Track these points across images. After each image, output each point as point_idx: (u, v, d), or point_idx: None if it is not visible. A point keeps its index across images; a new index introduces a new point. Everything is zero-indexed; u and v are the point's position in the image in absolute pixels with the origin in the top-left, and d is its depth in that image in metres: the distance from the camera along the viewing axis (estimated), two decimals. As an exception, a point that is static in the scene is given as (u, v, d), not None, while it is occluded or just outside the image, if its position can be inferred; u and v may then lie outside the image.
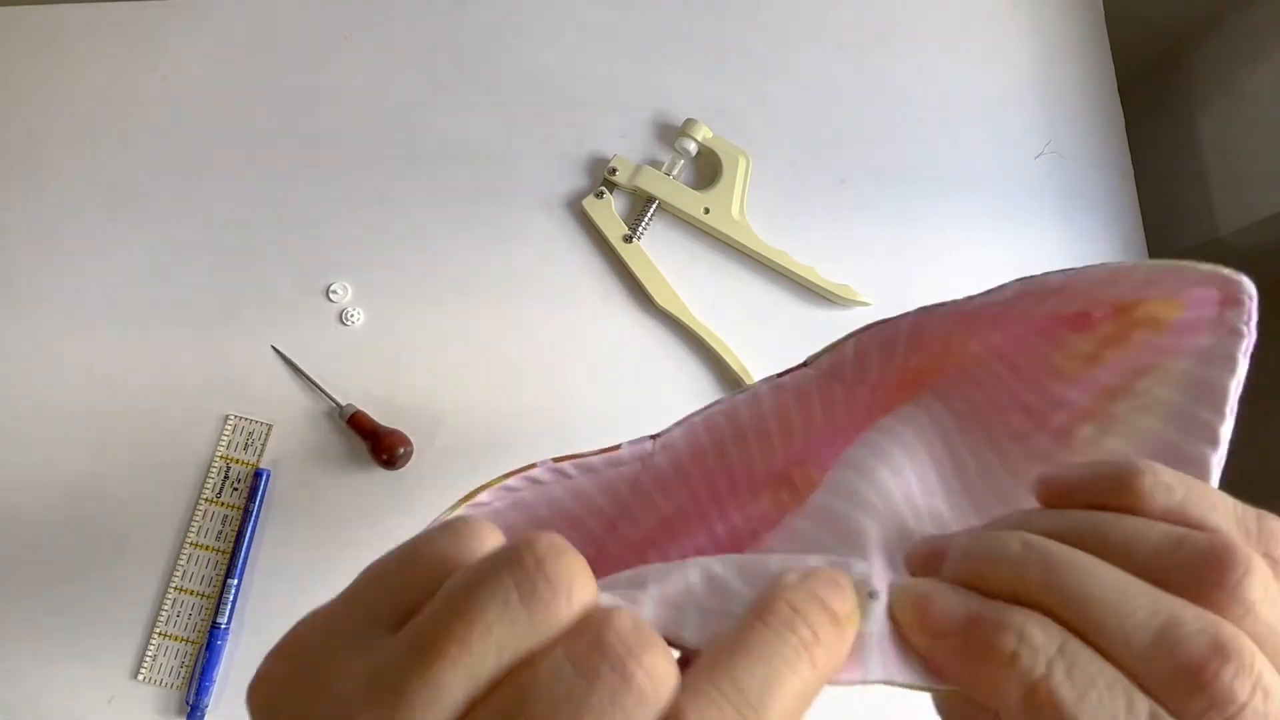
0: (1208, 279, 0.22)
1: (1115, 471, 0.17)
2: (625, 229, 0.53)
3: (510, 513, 0.25)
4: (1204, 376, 0.21)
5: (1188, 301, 0.22)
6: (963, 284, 0.54)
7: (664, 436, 0.27)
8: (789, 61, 0.57)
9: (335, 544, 0.49)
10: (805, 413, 0.29)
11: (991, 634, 0.15)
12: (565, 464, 0.26)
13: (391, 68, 0.57)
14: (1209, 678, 0.13)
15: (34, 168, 0.55)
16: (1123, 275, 0.22)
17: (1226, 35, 0.57)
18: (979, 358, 0.28)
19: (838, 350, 0.28)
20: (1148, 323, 0.23)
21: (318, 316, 0.53)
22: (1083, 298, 0.25)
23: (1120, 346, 0.24)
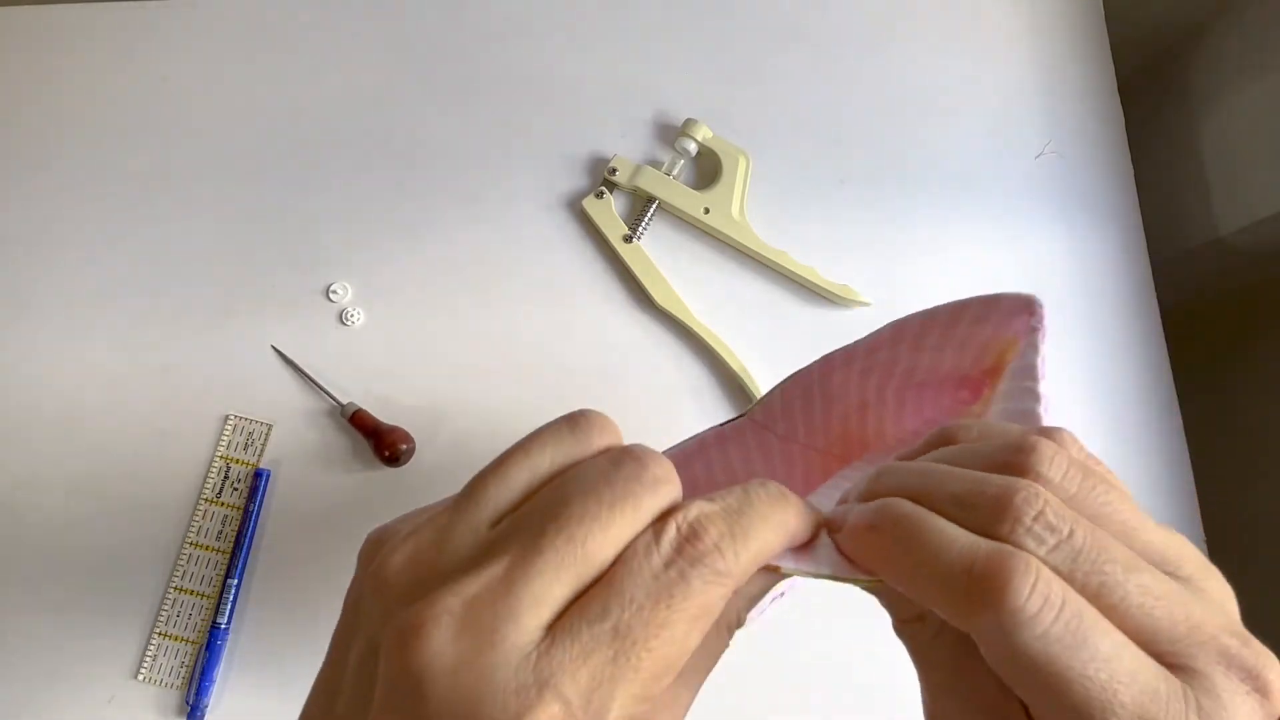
0: (1018, 303, 0.27)
1: (940, 429, 0.23)
2: (625, 229, 0.53)
3: None
4: (1021, 363, 0.27)
5: (1017, 334, 0.28)
6: (963, 284, 0.55)
7: None
8: (789, 61, 0.57)
9: (336, 543, 0.49)
10: (744, 461, 0.34)
11: (861, 516, 0.20)
12: None
13: (391, 67, 0.57)
14: (1005, 503, 0.18)
15: (34, 168, 0.55)
16: (962, 308, 0.29)
17: (1226, 35, 0.57)
18: (900, 439, 0.33)
19: (766, 401, 0.32)
20: (1009, 369, 0.29)
21: (318, 316, 0.53)
22: (944, 349, 0.30)
23: (995, 392, 0.30)
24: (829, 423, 0.33)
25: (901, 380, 0.31)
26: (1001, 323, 0.28)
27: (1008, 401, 0.27)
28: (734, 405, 0.52)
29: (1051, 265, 0.54)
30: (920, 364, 0.31)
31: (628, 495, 0.18)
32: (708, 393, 0.52)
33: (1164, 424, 0.52)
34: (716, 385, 0.52)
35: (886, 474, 0.21)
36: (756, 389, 0.51)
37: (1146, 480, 0.51)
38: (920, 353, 0.30)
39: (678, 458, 0.30)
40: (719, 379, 0.52)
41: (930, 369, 0.31)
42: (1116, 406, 0.52)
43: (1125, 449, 0.51)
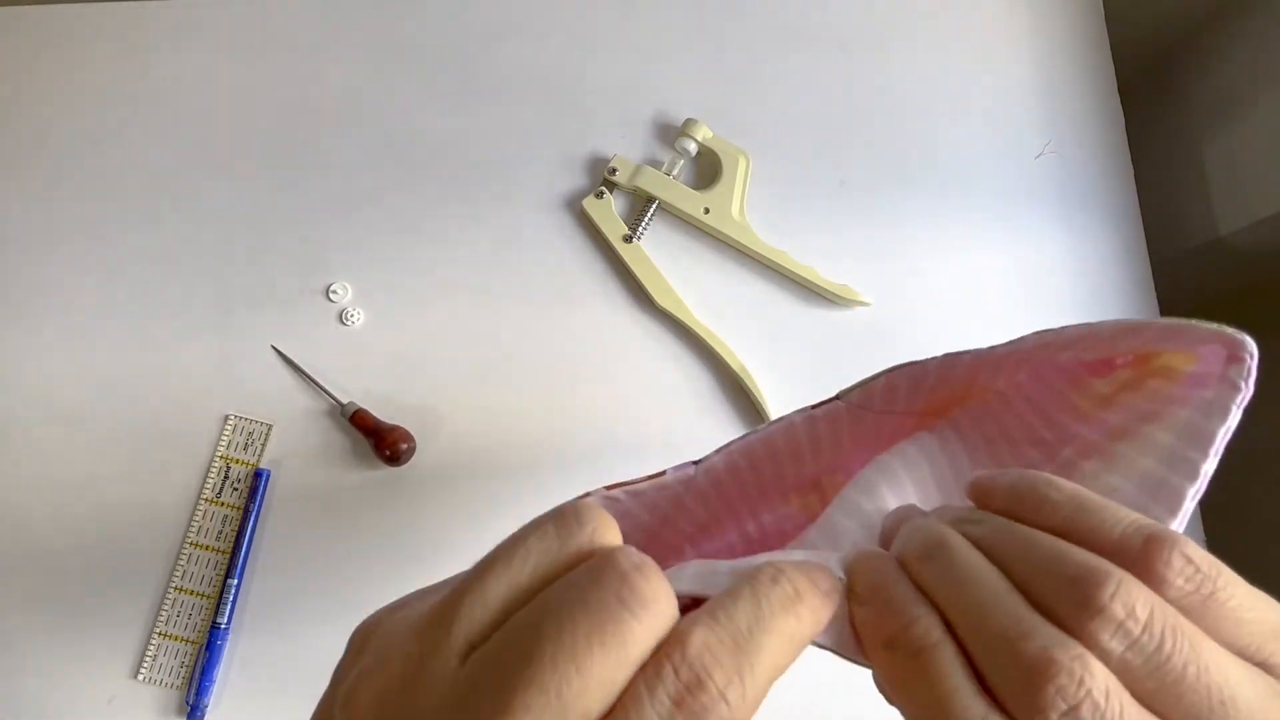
0: (1215, 337, 0.24)
1: (1026, 479, 0.20)
2: (625, 229, 0.53)
3: None
4: (1199, 424, 0.23)
5: (1199, 355, 0.24)
6: (963, 284, 0.55)
7: (706, 462, 0.30)
8: (789, 61, 0.57)
9: (336, 543, 0.49)
10: (834, 435, 0.32)
11: (886, 616, 0.18)
12: (616, 491, 0.28)
13: (392, 67, 0.57)
14: (1036, 687, 0.15)
15: (34, 168, 0.55)
16: (1136, 332, 0.25)
17: (1226, 36, 0.57)
18: (1002, 393, 0.31)
19: (869, 386, 0.30)
20: (1163, 372, 0.26)
21: (318, 316, 0.53)
22: (1100, 350, 0.27)
23: (1134, 392, 0.26)
24: (933, 396, 0.31)
25: (1023, 359, 0.29)
26: (1186, 345, 0.25)
27: (1159, 465, 0.24)
28: (734, 405, 0.52)
29: (1051, 265, 0.54)
30: (1060, 357, 0.28)
31: (607, 623, 0.15)
32: (708, 393, 0.52)
33: (1164, 424, 0.52)
34: (716, 385, 0.52)
35: (932, 559, 0.19)
36: (757, 389, 0.51)
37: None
38: (1066, 351, 0.27)
39: (763, 437, 0.30)
40: (719, 379, 0.52)
41: (1070, 359, 0.28)
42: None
43: (1125, 449, 0.51)
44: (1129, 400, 0.26)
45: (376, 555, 0.49)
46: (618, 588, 0.16)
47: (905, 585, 0.19)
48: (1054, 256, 0.54)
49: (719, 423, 0.51)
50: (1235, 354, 0.24)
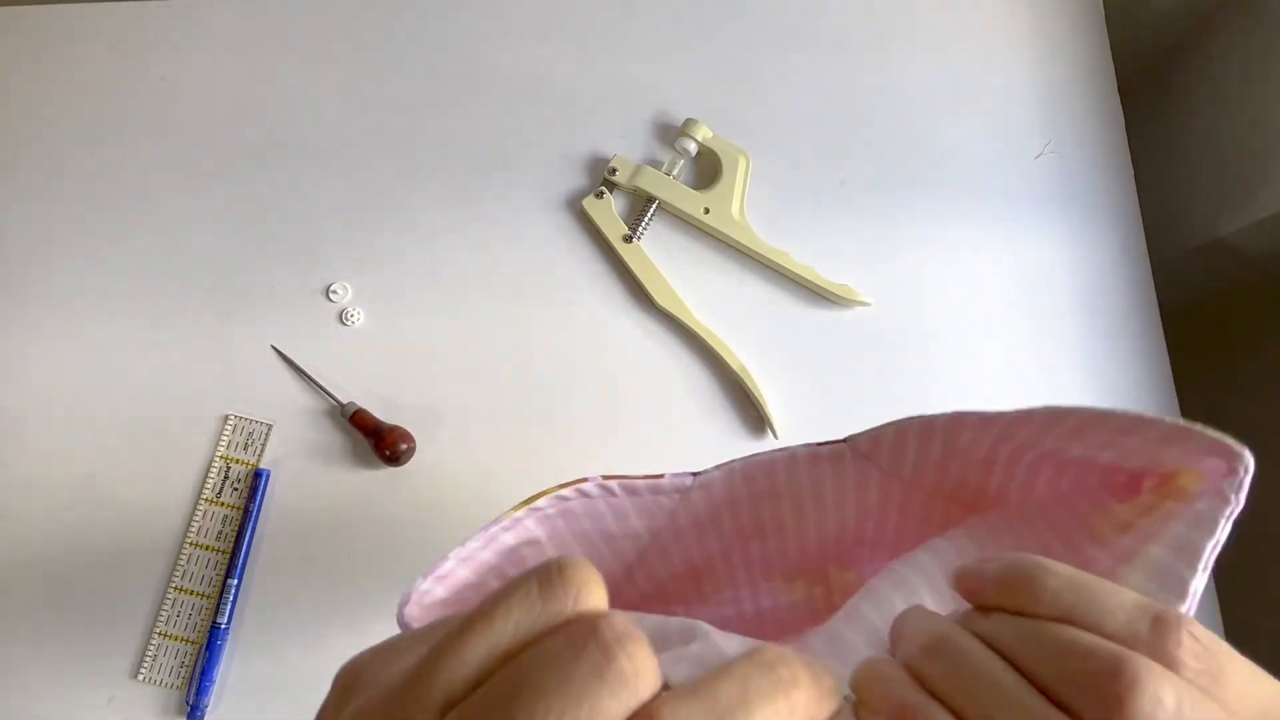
0: (1215, 448, 0.24)
1: (1021, 569, 0.19)
2: (625, 229, 0.53)
3: (559, 519, 0.28)
4: (1189, 537, 0.23)
5: (1205, 474, 0.25)
6: (963, 284, 0.55)
7: (703, 476, 0.29)
8: (789, 61, 0.57)
9: (336, 543, 0.49)
10: (838, 487, 0.31)
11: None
12: (612, 482, 0.28)
13: (391, 67, 0.57)
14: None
15: (34, 168, 0.55)
16: (1144, 425, 0.25)
17: (1226, 35, 0.57)
18: (1024, 507, 0.30)
19: (878, 435, 0.30)
20: (1179, 493, 0.26)
21: (318, 316, 0.53)
22: (1106, 448, 0.27)
23: (1150, 515, 0.26)
24: (944, 471, 0.31)
25: (1043, 454, 0.29)
26: (1190, 454, 0.25)
27: (1148, 580, 0.24)
28: (734, 405, 0.52)
29: (1051, 265, 0.54)
30: (1072, 449, 0.28)
31: (584, 699, 0.15)
32: (708, 393, 0.52)
33: (1164, 424, 0.52)
34: (716, 385, 0.52)
35: (937, 656, 0.18)
36: (756, 389, 0.51)
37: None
38: (1076, 441, 0.27)
39: (764, 463, 0.29)
40: (719, 379, 0.52)
41: (1083, 455, 0.28)
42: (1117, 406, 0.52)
43: (1125, 449, 0.51)
44: (1143, 524, 0.26)
45: (376, 555, 0.49)
46: (597, 661, 0.15)
47: (917, 689, 0.18)
48: (1054, 256, 0.54)
49: (719, 423, 0.51)
50: (1232, 467, 0.24)
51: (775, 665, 0.16)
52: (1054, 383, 0.52)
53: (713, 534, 0.32)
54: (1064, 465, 0.29)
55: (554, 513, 0.27)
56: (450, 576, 0.24)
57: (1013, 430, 0.28)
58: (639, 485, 0.29)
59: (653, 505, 0.29)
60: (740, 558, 0.33)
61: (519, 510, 0.26)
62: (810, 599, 0.34)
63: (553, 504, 0.27)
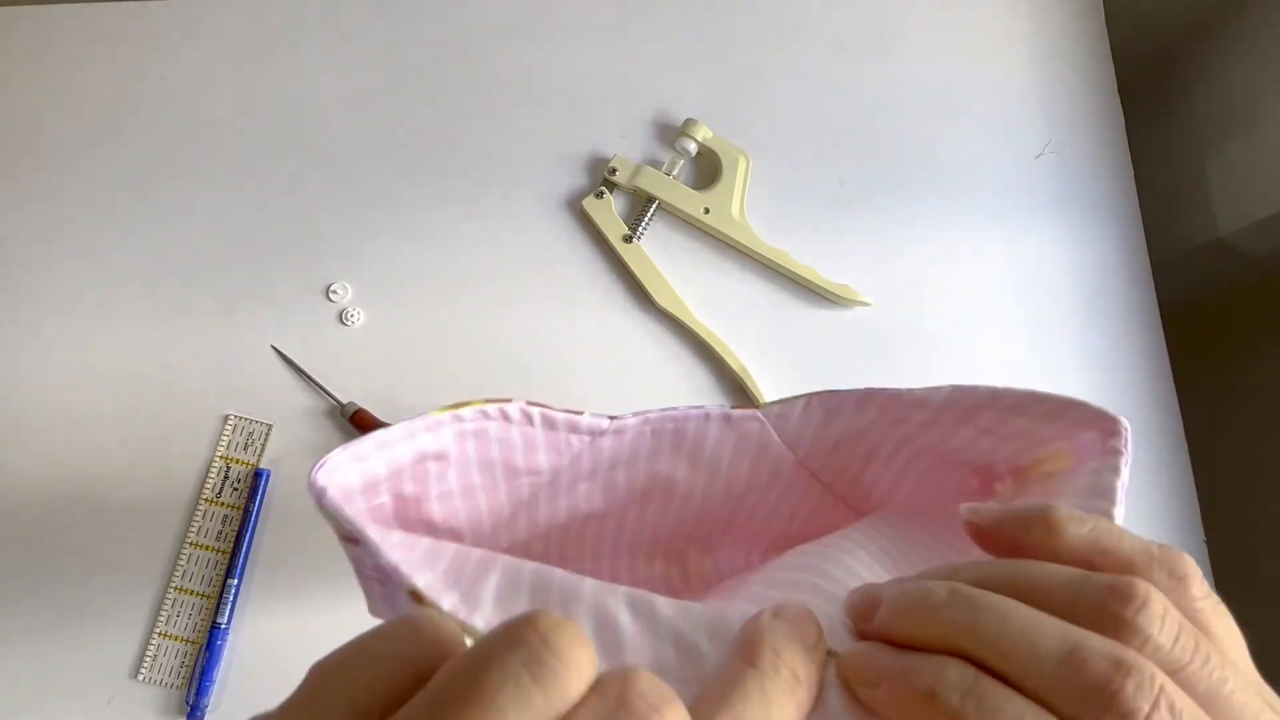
0: (1095, 420, 0.26)
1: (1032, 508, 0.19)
2: (625, 229, 0.53)
3: (472, 439, 0.27)
4: (1093, 483, 0.24)
5: (1075, 449, 0.26)
6: (963, 284, 0.55)
7: (618, 422, 0.30)
8: (789, 61, 0.57)
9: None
10: (737, 458, 0.32)
11: (914, 678, 0.17)
12: (535, 410, 0.28)
13: (391, 67, 0.57)
14: (1113, 692, 0.15)
15: (33, 168, 0.55)
16: (1033, 402, 0.27)
17: (1226, 35, 0.57)
18: (904, 509, 0.31)
19: (786, 405, 0.31)
20: (1046, 476, 0.27)
21: (318, 316, 0.53)
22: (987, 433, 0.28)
23: (1025, 493, 0.28)
24: (834, 452, 0.32)
25: (924, 446, 0.30)
26: (1066, 430, 0.27)
27: None
28: (734, 406, 0.52)
29: (1051, 265, 0.54)
30: (954, 437, 0.29)
31: None
32: (708, 393, 0.52)
33: (1164, 424, 0.52)
34: (716, 385, 0.52)
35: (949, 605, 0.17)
36: (757, 389, 0.51)
37: (1147, 480, 0.51)
38: (963, 426, 0.29)
39: (678, 418, 0.30)
40: (719, 379, 0.52)
41: (961, 447, 0.29)
42: (1116, 406, 0.51)
43: (1125, 449, 0.51)
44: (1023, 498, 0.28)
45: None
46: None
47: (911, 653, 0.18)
48: (1054, 256, 0.54)
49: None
50: (1110, 430, 0.26)
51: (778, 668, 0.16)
52: (1054, 383, 0.52)
53: (602, 489, 0.32)
54: (933, 464, 0.31)
55: (471, 429, 0.27)
56: (366, 461, 0.24)
57: (910, 413, 0.29)
58: (558, 418, 0.29)
59: (562, 443, 0.29)
60: (614, 524, 0.34)
61: (444, 413, 0.26)
62: (668, 579, 0.35)
63: (475, 417, 0.27)
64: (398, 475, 0.26)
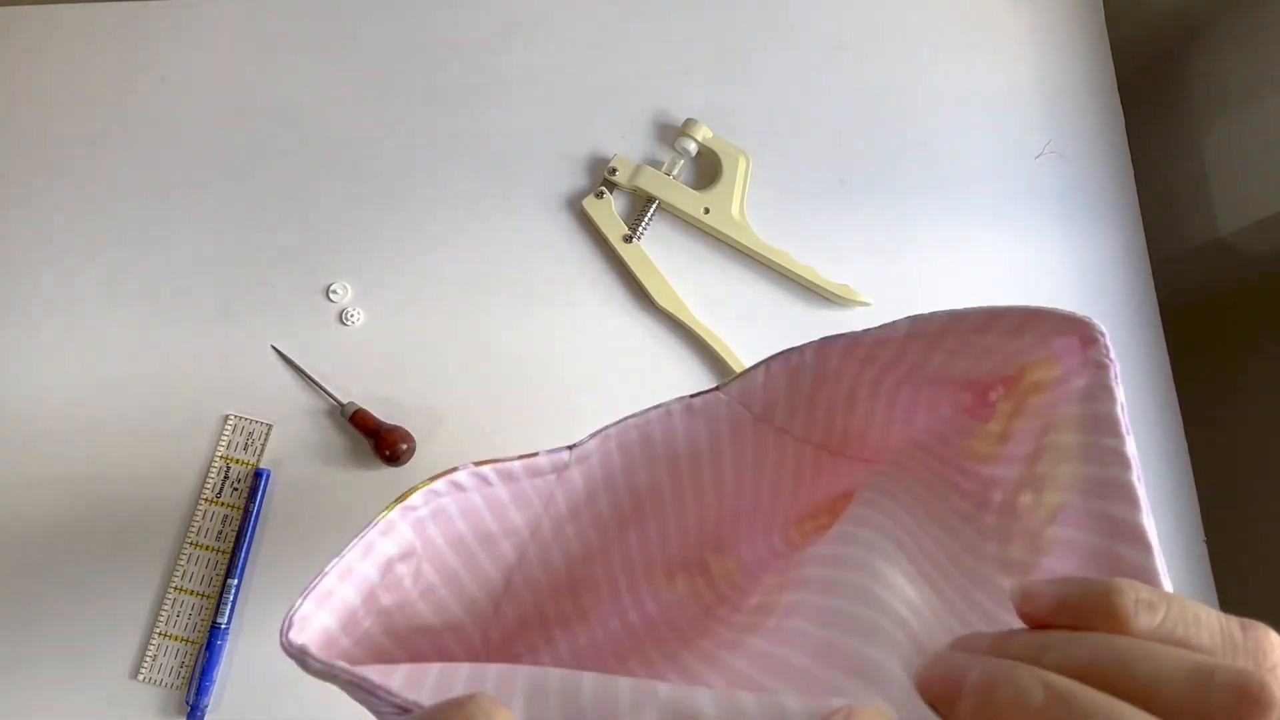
0: (1064, 325, 0.24)
1: (1095, 589, 0.16)
2: (625, 229, 0.53)
3: (431, 523, 0.26)
4: (1092, 411, 0.23)
5: (1057, 356, 0.25)
6: (963, 283, 0.55)
7: (579, 448, 0.28)
8: (789, 61, 0.57)
9: (335, 543, 0.49)
10: (714, 446, 0.30)
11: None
12: (486, 468, 0.26)
13: (391, 67, 0.57)
14: None
15: (33, 168, 0.55)
16: (998, 316, 0.25)
17: (1226, 35, 0.57)
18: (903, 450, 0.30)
19: (746, 377, 0.29)
20: (1035, 388, 0.26)
21: (318, 316, 0.53)
22: (960, 354, 0.27)
23: (1021, 416, 0.26)
24: (812, 409, 0.30)
25: (902, 376, 0.29)
26: (1040, 341, 0.25)
27: (1086, 465, 0.23)
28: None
29: (1051, 265, 0.54)
30: (929, 363, 0.28)
31: None
32: (708, 393, 0.52)
33: (1164, 424, 0.52)
34: (716, 385, 0.52)
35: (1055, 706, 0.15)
36: (756, 389, 0.51)
37: (1147, 480, 0.50)
38: (933, 352, 0.27)
39: (640, 424, 0.28)
40: (719, 379, 0.52)
41: (939, 368, 0.28)
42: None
43: (1125, 449, 0.51)
44: (1021, 426, 0.26)
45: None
46: None
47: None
48: (1054, 256, 0.54)
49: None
50: (1088, 337, 0.24)
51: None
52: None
53: (591, 523, 0.30)
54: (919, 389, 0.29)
55: (427, 513, 0.25)
56: (334, 597, 0.22)
57: (875, 352, 0.28)
58: (514, 469, 0.27)
59: (530, 491, 0.28)
60: (619, 554, 0.32)
61: (391, 511, 0.24)
62: (696, 594, 0.33)
63: (426, 499, 0.25)
64: (372, 596, 0.24)
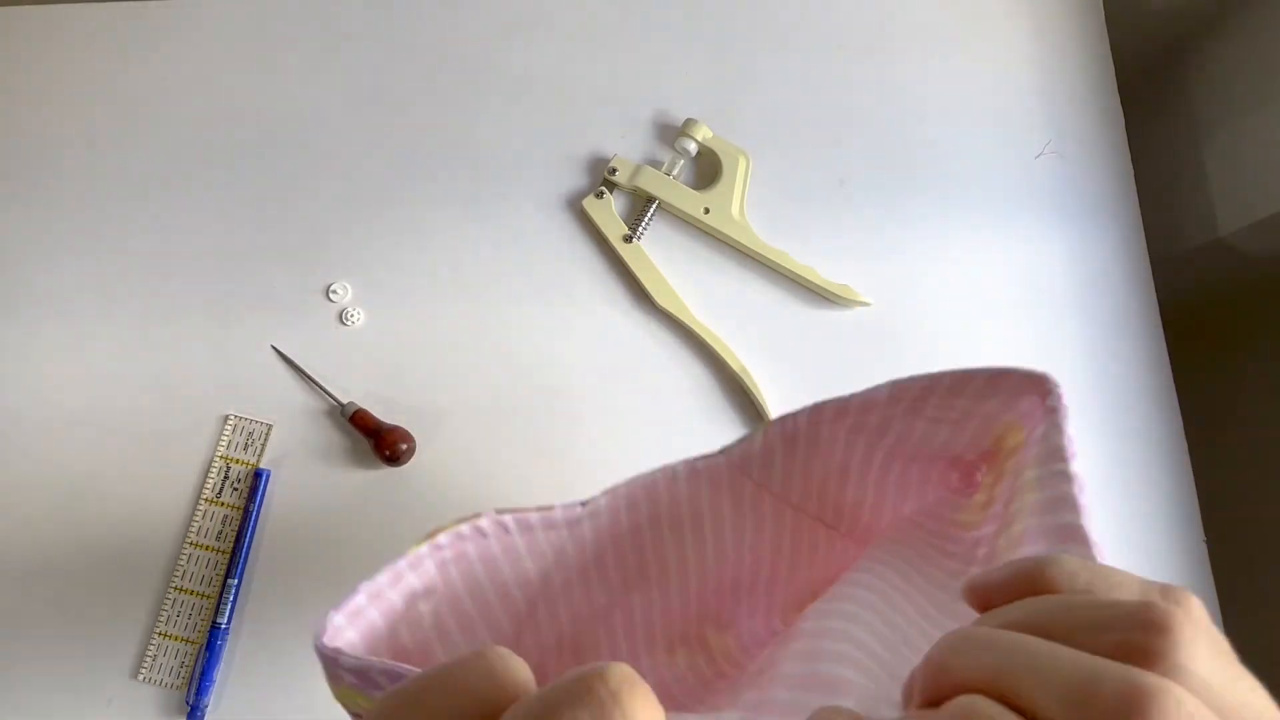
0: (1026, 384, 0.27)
1: (1028, 567, 0.18)
2: (625, 229, 0.53)
3: (453, 567, 0.27)
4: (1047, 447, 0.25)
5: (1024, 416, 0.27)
6: (963, 284, 0.55)
7: (591, 504, 0.29)
8: (789, 61, 0.57)
9: (335, 542, 0.49)
10: (716, 510, 0.31)
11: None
12: (506, 517, 0.28)
13: (391, 67, 0.57)
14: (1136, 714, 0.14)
15: (33, 168, 0.55)
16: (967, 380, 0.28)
17: (1226, 35, 0.57)
18: (897, 527, 0.32)
19: (747, 442, 0.30)
20: (1010, 453, 0.28)
21: (318, 316, 0.53)
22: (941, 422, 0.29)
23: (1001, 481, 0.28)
24: (808, 478, 0.31)
25: (891, 449, 0.30)
26: (1007, 402, 0.27)
27: (1040, 491, 0.25)
28: (734, 405, 0.52)
29: (1051, 265, 0.54)
30: (913, 433, 0.30)
31: None
32: (708, 393, 0.52)
33: (1164, 424, 0.52)
34: (716, 385, 0.52)
35: (960, 651, 0.17)
36: (756, 389, 0.51)
37: (1147, 480, 0.51)
38: (916, 420, 0.29)
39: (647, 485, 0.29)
40: (719, 379, 0.52)
41: (923, 441, 0.30)
42: (1117, 406, 0.52)
43: (1125, 448, 0.51)
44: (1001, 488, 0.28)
45: (376, 555, 0.48)
46: None
47: None
48: (1054, 256, 0.54)
49: (719, 423, 0.51)
50: (1045, 390, 0.26)
51: None
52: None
53: (598, 581, 0.31)
54: (908, 468, 0.31)
55: (451, 556, 0.27)
56: (362, 616, 0.24)
57: (864, 418, 0.29)
58: (532, 520, 0.28)
59: (544, 543, 0.29)
60: (622, 617, 0.33)
61: (421, 546, 0.26)
62: (695, 669, 0.34)
63: (451, 542, 0.27)
64: (394, 631, 0.25)
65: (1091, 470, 0.50)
